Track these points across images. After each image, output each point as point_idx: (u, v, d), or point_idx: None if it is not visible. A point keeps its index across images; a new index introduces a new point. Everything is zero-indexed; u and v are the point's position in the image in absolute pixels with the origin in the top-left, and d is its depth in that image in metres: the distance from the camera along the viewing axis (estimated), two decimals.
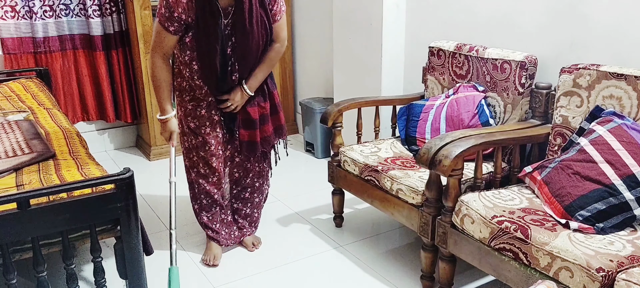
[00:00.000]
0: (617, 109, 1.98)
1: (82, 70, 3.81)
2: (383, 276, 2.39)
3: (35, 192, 1.64)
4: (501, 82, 2.42)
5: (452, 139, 2.06)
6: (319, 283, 2.36)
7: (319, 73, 4.09)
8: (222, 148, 2.38)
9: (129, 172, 1.77)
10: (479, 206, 1.93)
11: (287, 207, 3.05)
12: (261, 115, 2.35)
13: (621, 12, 2.13)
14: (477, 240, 1.92)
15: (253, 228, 2.64)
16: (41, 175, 1.99)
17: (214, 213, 2.48)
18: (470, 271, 2.36)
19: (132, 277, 1.86)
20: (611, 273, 1.55)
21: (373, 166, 2.43)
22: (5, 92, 3.12)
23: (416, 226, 2.22)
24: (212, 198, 2.43)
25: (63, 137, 2.46)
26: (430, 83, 2.81)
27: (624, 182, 1.77)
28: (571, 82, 2.12)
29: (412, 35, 3.14)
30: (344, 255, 2.58)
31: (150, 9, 3.63)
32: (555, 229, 1.75)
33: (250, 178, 2.52)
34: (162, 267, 2.47)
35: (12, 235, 1.61)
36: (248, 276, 2.41)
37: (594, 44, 2.24)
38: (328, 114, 2.66)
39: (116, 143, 4.17)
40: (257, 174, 2.53)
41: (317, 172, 3.53)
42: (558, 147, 2.15)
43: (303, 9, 4.15)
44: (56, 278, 2.29)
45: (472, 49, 2.55)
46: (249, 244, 2.61)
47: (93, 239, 1.78)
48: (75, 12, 3.71)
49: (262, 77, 2.28)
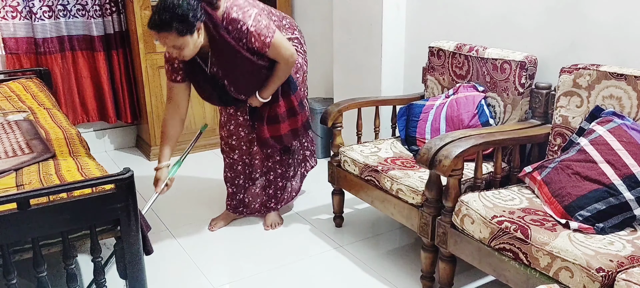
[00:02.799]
0: (617, 109, 1.98)
1: (82, 71, 3.81)
2: (383, 276, 2.39)
3: (35, 192, 1.64)
4: (501, 82, 2.42)
5: (452, 139, 2.06)
6: (319, 283, 2.36)
7: (319, 73, 4.09)
8: (244, 132, 2.70)
9: (129, 172, 1.77)
10: (479, 206, 1.93)
11: (287, 206, 3.05)
12: (271, 116, 2.52)
13: (621, 12, 2.13)
14: (477, 240, 1.92)
15: (273, 203, 2.85)
16: (41, 175, 1.99)
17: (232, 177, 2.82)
18: (470, 271, 2.36)
19: (132, 277, 1.86)
20: (611, 273, 1.55)
21: (373, 166, 2.43)
22: (5, 92, 3.12)
23: (416, 226, 2.22)
24: (230, 166, 2.80)
25: (63, 137, 2.46)
26: (430, 83, 2.81)
27: (624, 182, 1.77)
28: (571, 82, 2.12)
29: (412, 35, 3.14)
30: (344, 255, 2.58)
31: (150, 9, 3.63)
32: (555, 229, 1.75)
33: (273, 163, 2.77)
34: (162, 267, 2.47)
35: (12, 235, 1.61)
36: (248, 276, 2.41)
37: (594, 44, 2.24)
38: (328, 114, 2.66)
39: (116, 143, 4.17)
40: (278, 162, 2.77)
41: (317, 172, 3.53)
42: (558, 147, 2.15)
43: (303, 9, 4.15)
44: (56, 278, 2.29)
45: (472, 49, 2.55)
46: (267, 222, 2.83)
47: (93, 239, 1.78)
48: (72, 13, 3.71)
49: (274, 87, 2.43)
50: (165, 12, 2.09)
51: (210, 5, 2.20)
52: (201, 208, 3.04)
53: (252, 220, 2.92)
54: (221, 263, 2.55)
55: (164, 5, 2.10)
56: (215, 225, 2.83)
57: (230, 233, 2.81)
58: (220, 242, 2.72)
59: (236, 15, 2.22)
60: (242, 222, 2.91)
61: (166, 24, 2.10)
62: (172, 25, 2.09)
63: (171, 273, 2.44)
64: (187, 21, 2.11)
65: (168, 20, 2.09)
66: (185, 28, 2.12)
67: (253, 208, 2.89)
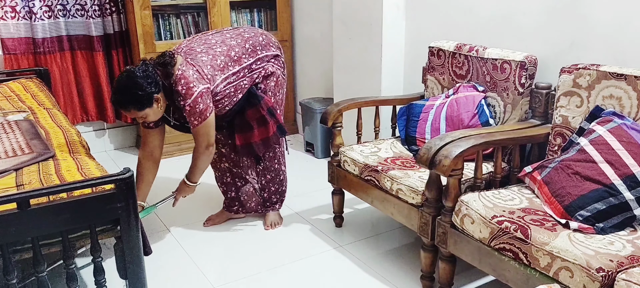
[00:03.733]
0: (617, 109, 1.98)
1: (82, 71, 3.81)
2: (383, 276, 2.39)
3: (35, 192, 1.64)
4: (501, 82, 2.42)
5: (452, 138, 2.06)
6: (319, 283, 2.36)
7: (319, 73, 4.09)
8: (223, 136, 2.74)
9: (129, 172, 1.77)
10: (479, 206, 1.93)
11: (287, 207, 3.05)
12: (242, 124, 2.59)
13: (621, 12, 2.13)
14: (477, 240, 1.92)
15: (269, 204, 2.88)
16: (41, 175, 1.99)
17: (220, 176, 2.87)
18: (470, 271, 2.36)
19: (132, 277, 1.86)
20: (611, 273, 1.55)
21: (373, 166, 2.43)
22: (5, 92, 3.12)
23: (416, 226, 2.22)
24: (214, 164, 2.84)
25: (63, 137, 2.46)
26: (430, 83, 2.81)
27: (624, 182, 1.77)
28: (571, 82, 2.12)
29: (412, 35, 3.14)
30: (344, 255, 2.58)
31: (150, 9, 3.63)
32: (555, 229, 1.75)
33: (262, 168, 2.81)
34: (162, 267, 2.47)
35: (12, 235, 1.61)
36: (248, 276, 2.41)
37: (594, 44, 2.24)
38: (328, 114, 2.66)
39: (116, 143, 4.17)
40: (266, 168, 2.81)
41: (317, 172, 3.53)
42: (558, 147, 2.15)
43: (303, 9, 4.15)
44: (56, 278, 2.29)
45: (472, 49, 2.55)
46: (267, 222, 2.86)
47: (93, 239, 1.78)
48: (72, 13, 3.71)
49: (199, 172, 2.54)
50: (122, 94, 2.27)
51: (164, 72, 2.32)
52: (201, 208, 3.04)
53: (252, 220, 2.92)
54: (221, 263, 2.55)
55: (120, 87, 2.28)
56: (209, 222, 2.88)
57: (231, 233, 2.81)
58: (221, 242, 2.72)
59: (180, 89, 2.31)
60: (242, 221, 2.91)
61: (125, 104, 2.28)
62: (129, 105, 2.27)
63: (171, 273, 2.44)
64: (143, 100, 2.26)
65: (126, 102, 2.27)
66: (143, 104, 2.27)
67: (249, 207, 2.88)
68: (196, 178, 2.55)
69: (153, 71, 2.29)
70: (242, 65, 2.49)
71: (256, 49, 2.55)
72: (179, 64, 2.34)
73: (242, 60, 2.49)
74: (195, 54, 2.42)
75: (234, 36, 2.55)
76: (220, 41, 2.50)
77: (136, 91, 2.23)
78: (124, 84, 2.26)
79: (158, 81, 2.29)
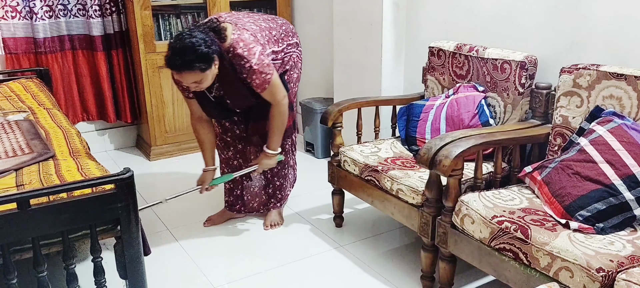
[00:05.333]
0: (617, 109, 1.98)
1: (83, 71, 3.81)
2: (383, 276, 2.39)
3: (35, 192, 1.64)
4: (501, 82, 2.42)
5: (452, 139, 2.06)
6: (319, 283, 2.36)
7: (319, 73, 4.09)
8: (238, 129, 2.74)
9: (129, 172, 1.77)
10: (479, 206, 1.93)
11: (287, 207, 3.05)
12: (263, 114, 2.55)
13: (621, 12, 2.13)
14: (477, 240, 1.92)
15: (273, 201, 2.86)
16: (41, 175, 1.99)
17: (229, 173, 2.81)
18: (470, 271, 2.36)
19: (132, 277, 1.86)
20: (611, 273, 1.55)
21: (373, 166, 2.43)
22: (5, 92, 3.12)
23: (416, 226, 2.22)
24: (227, 161, 2.83)
25: (63, 137, 2.46)
26: (430, 83, 2.81)
27: (624, 182, 1.77)
28: (571, 82, 2.12)
29: (412, 35, 3.14)
30: (344, 255, 2.58)
31: (150, 9, 3.63)
32: (555, 229, 1.75)
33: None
34: (162, 266, 2.47)
35: (12, 235, 1.61)
36: (248, 276, 2.41)
37: (594, 44, 2.24)
38: (328, 114, 2.66)
39: (116, 143, 4.17)
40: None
41: (317, 172, 3.53)
42: (558, 147, 2.15)
43: (303, 9, 4.15)
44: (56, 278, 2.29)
45: (472, 49, 2.55)
46: (267, 222, 2.84)
47: (93, 239, 1.78)
48: (73, 12, 3.71)
49: (278, 138, 2.53)
50: (187, 53, 2.12)
51: (219, 38, 2.25)
52: (201, 208, 3.04)
53: (252, 220, 2.92)
54: (221, 263, 2.55)
55: (183, 46, 2.12)
56: (209, 221, 2.88)
57: (230, 233, 2.81)
58: (220, 242, 2.72)
59: (241, 52, 2.26)
60: (242, 221, 2.91)
61: (189, 65, 2.13)
62: (194, 65, 2.13)
63: (171, 273, 2.44)
64: (207, 58, 2.15)
65: (190, 61, 2.12)
66: (207, 65, 2.17)
67: (252, 207, 2.89)
68: (276, 144, 2.52)
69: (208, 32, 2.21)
70: (280, 47, 2.52)
71: (288, 34, 2.59)
72: (231, 29, 2.29)
73: (279, 43, 2.51)
74: (243, 22, 2.38)
75: (266, 20, 2.55)
76: (256, 19, 2.49)
77: (201, 48, 2.12)
78: (185, 44, 2.12)
79: (215, 41, 2.21)
